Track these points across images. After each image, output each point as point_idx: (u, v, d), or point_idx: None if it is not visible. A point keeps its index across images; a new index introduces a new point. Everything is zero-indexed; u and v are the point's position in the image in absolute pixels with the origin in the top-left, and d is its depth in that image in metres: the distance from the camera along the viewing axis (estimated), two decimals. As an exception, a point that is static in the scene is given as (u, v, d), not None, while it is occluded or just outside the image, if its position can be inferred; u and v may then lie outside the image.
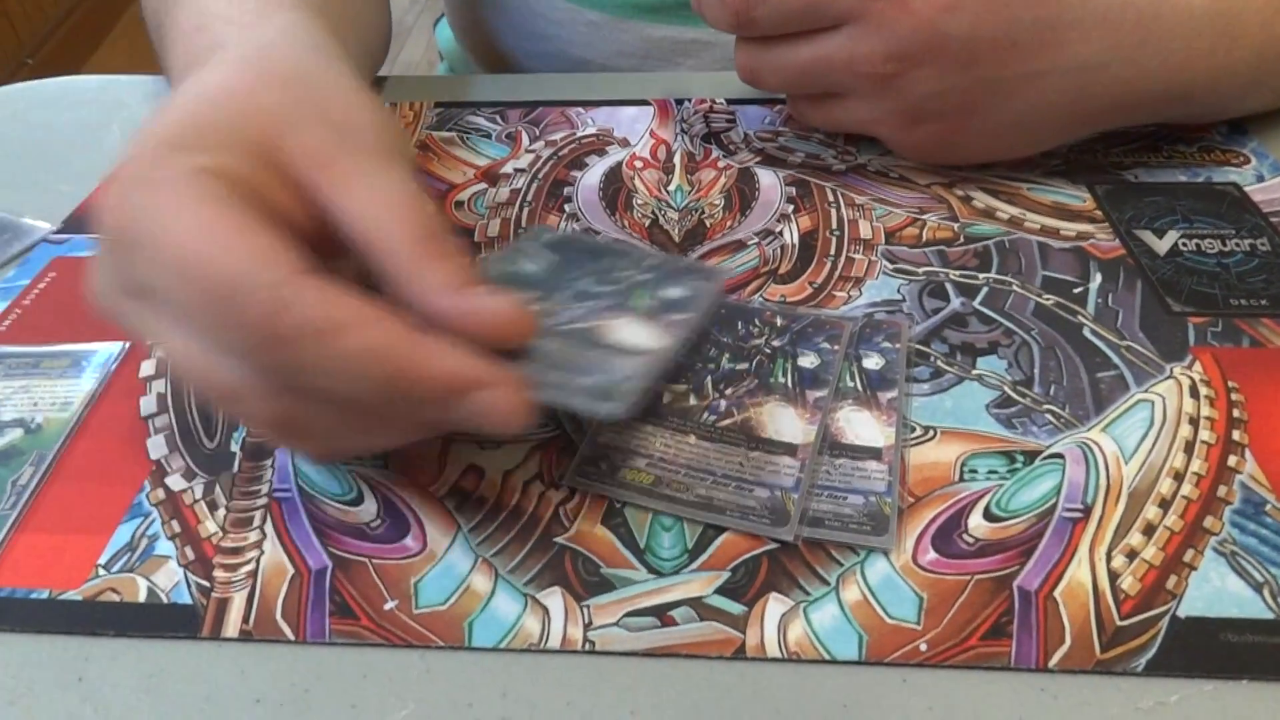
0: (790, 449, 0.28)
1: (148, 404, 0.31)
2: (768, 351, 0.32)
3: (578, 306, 0.29)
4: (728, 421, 0.29)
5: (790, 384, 0.31)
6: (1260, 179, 0.40)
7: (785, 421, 0.29)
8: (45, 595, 0.26)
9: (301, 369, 0.22)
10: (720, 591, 0.25)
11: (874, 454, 0.28)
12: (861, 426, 0.29)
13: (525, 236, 0.33)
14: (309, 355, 0.22)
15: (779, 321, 0.33)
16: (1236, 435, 0.29)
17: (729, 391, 0.30)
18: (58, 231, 0.40)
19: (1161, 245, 0.37)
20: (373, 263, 0.24)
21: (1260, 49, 0.38)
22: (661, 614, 0.25)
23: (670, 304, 0.29)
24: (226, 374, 0.24)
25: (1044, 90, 0.36)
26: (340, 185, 0.25)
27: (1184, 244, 0.37)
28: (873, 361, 0.31)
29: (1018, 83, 0.36)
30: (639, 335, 0.28)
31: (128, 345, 0.34)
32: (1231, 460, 0.28)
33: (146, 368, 0.33)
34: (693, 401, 0.30)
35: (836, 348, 0.32)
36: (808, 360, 0.31)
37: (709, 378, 0.31)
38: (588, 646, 0.24)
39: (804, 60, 0.38)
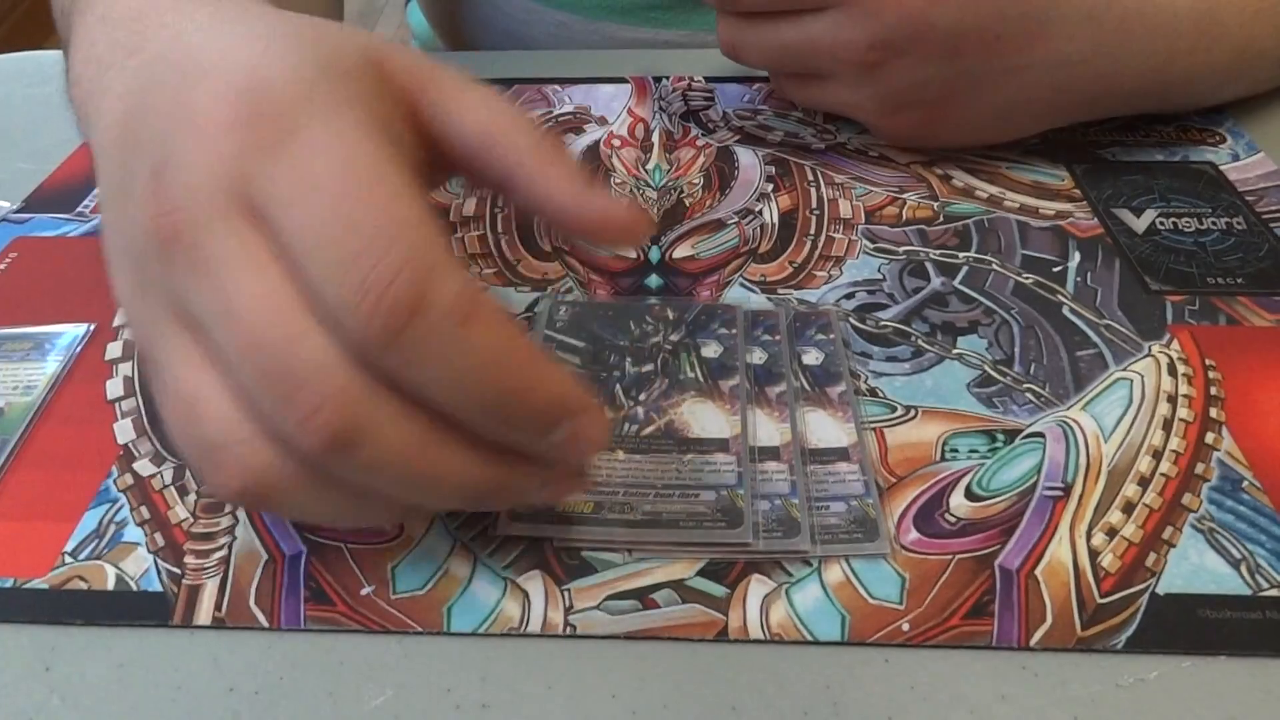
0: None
1: (114, 387, 0.31)
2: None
3: (639, 398, 0.29)
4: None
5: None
6: (1235, 158, 0.40)
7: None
8: (10, 584, 0.25)
9: (408, 357, 0.19)
10: (702, 574, 0.25)
11: (841, 454, 0.28)
12: (820, 427, 0.28)
13: (543, 320, 0.32)
14: (428, 336, 0.19)
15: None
16: (1214, 413, 0.29)
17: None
18: (18, 210, 0.39)
19: (1139, 224, 0.37)
20: (492, 168, 0.24)
21: (1239, 47, 0.38)
22: (643, 597, 0.24)
23: (714, 367, 0.30)
24: (265, 455, 0.20)
25: (1025, 83, 0.36)
26: (451, 103, 0.25)
27: (1161, 223, 0.37)
28: (811, 357, 0.31)
29: (1000, 75, 0.36)
30: (712, 420, 0.28)
31: (93, 327, 0.33)
32: (1209, 438, 0.28)
33: (113, 350, 0.32)
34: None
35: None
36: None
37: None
38: (569, 630, 0.24)
39: (787, 41, 0.37)
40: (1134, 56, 0.36)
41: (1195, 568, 0.25)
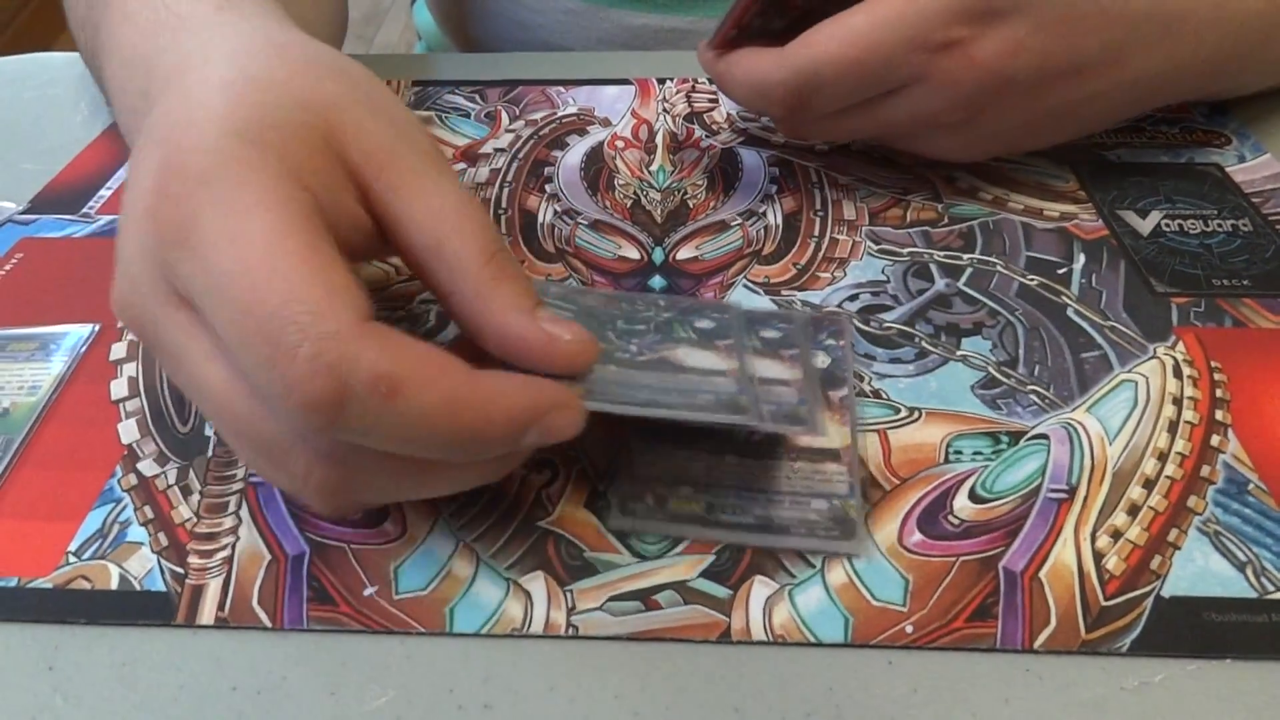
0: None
1: (119, 387, 0.31)
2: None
3: (631, 342, 0.28)
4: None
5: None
6: (1241, 159, 0.40)
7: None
8: (14, 583, 0.25)
9: (353, 431, 0.20)
10: (705, 575, 0.25)
11: (832, 455, 0.28)
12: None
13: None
14: (363, 417, 0.20)
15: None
16: (1219, 415, 0.29)
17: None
18: (24, 211, 0.39)
19: (1144, 226, 0.37)
20: (436, 275, 0.23)
21: None
22: (645, 598, 0.24)
23: (707, 334, 0.29)
24: (268, 423, 0.21)
25: (1104, 104, 0.36)
26: (404, 190, 0.23)
27: (1167, 224, 0.37)
28: (820, 360, 0.31)
29: (1081, 103, 0.36)
30: (708, 359, 0.27)
31: (98, 327, 0.33)
32: (1214, 440, 0.28)
33: (117, 350, 0.32)
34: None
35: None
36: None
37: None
38: (571, 631, 0.24)
39: (864, 125, 0.36)
40: (1206, 62, 0.37)
41: (1200, 570, 0.24)
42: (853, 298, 0.34)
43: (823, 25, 0.33)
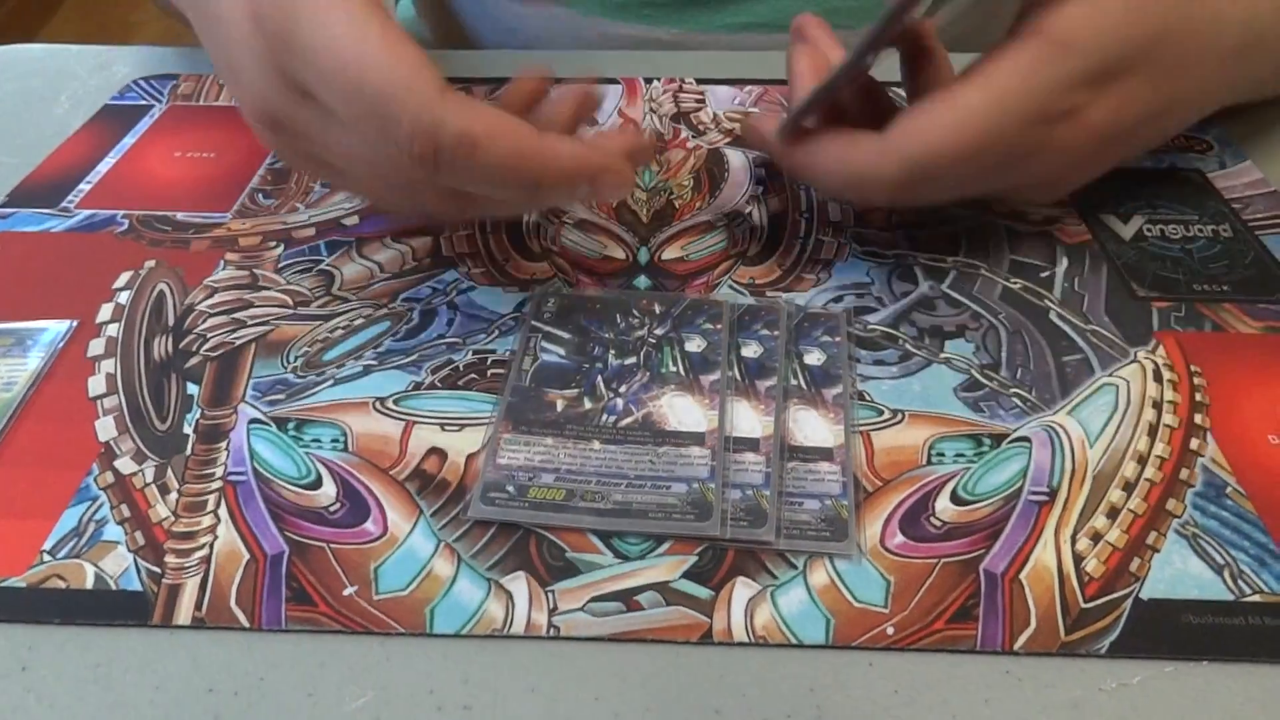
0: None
1: (96, 384, 0.30)
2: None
3: (618, 392, 0.29)
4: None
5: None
6: (1222, 165, 0.40)
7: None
8: (-13, 582, 0.25)
9: (449, 177, 0.26)
10: (687, 576, 0.25)
11: (825, 454, 0.28)
12: (810, 427, 0.29)
13: (532, 311, 0.33)
14: (453, 165, 0.26)
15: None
16: (1198, 419, 0.29)
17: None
18: (1, 205, 0.39)
19: (1126, 230, 0.37)
20: None
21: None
22: (627, 599, 0.24)
23: (695, 362, 0.30)
24: (398, 172, 0.28)
25: (1171, 129, 0.35)
26: None
27: (1148, 229, 0.37)
28: (814, 357, 0.31)
29: (1154, 136, 0.34)
30: (690, 412, 0.28)
31: (75, 324, 0.33)
32: (1193, 443, 0.28)
33: (95, 347, 0.32)
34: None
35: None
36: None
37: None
38: (552, 632, 0.24)
39: (962, 196, 0.33)
40: (1242, 81, 0.35)
41: (1179, 573, 0.25)
42: (837, 299, 0.34)
43: (931, 108, 0.29)
